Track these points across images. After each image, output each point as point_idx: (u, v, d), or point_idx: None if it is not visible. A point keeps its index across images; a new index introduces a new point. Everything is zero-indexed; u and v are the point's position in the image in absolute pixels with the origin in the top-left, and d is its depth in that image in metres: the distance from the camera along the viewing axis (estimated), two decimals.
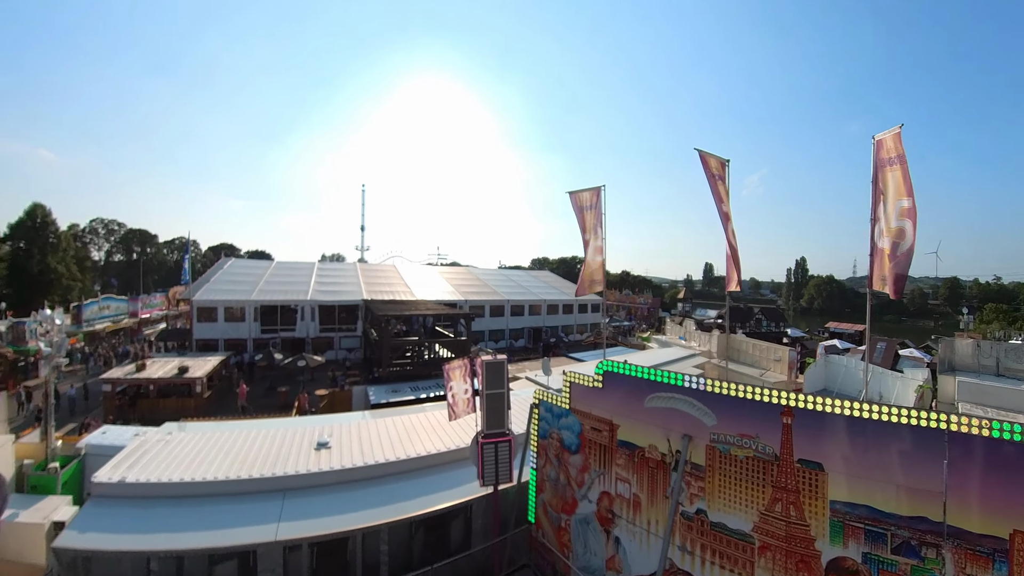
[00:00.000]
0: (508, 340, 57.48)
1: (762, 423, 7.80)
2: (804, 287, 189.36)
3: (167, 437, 17.18)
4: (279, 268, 65.23)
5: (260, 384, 40.40)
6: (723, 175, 16.82)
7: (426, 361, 32.13)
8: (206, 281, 56.77)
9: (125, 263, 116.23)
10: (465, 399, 12.64)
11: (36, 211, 78.53)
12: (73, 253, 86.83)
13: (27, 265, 75.21)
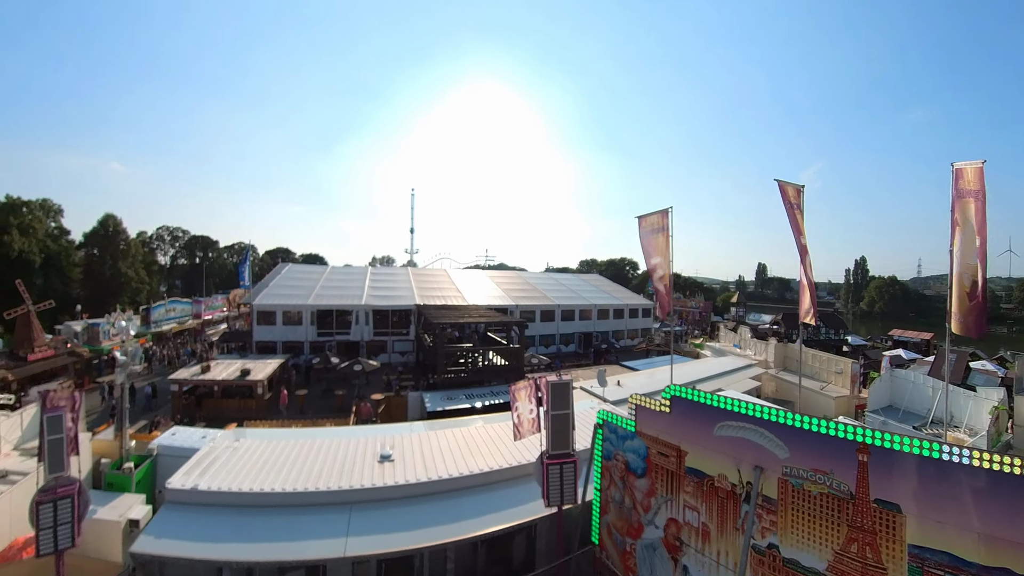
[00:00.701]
0: (558, 345, 57.02)
1: (837, 458, 7.63)
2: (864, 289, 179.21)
3: (234, 444, 17.93)
4: (333, 273, 67.08)
5: (317, 386, 41.59)
6: (800, 203, 16.47)
7: (480, 368, 32.47)
8: (265, 286, 58.74)
9: (188, 267, 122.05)
10: (530, 419, 12.77)
11: (108, 221, 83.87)
12: (141, 258, 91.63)
13: (100, 270, 79.95)
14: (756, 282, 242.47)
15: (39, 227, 72.83)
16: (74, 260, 78.35)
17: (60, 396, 14.77)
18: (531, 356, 36.47)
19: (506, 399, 27.38)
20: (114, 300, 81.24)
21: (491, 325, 36.48)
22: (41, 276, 70.85)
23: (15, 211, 70.42)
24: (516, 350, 32.51)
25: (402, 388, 36.70)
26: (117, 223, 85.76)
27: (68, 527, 11.71)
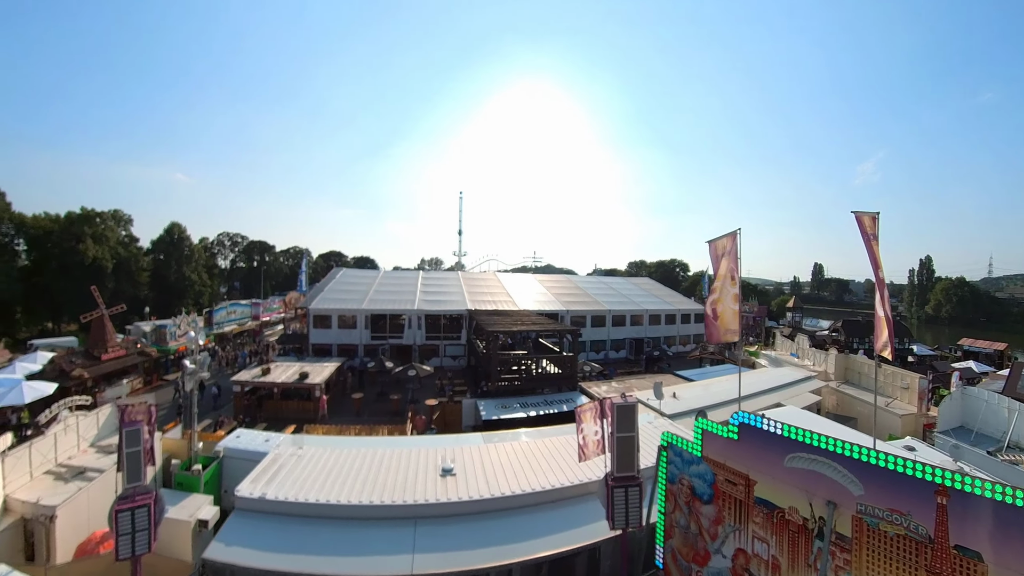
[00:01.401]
0: (608, 351, 56.58)
1: (914, 499, 7.35)
2: (930, 291, 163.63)
3: (298, 452, 18.48)
4: (386, 277, 68.54)
5: (371, 389, 42.65)
6: (876, 232, 15.98)
7: (533, 376, 32.66)
8: (320, 291, 60.48)
9: (247, 270, 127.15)
10: (595, 440, 12.80)
11: (174, 229, 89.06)
12: (203, 263, 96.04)
13: (166, 274, 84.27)
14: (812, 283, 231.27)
15: (111, 235, 77.74)
16: (142, 265, 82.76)
17: (138, 410, 15.62)
18: (583, 363, 36.50)
19: (560, 408, 27.73)
20: (179, 302, 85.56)
21: (544, 333, 36.61)
22: (113, 280, 75.06)
23: (89, 221, 75.25)
24: (569, 358, 32.56)
25: (455, 394, 37.24)
26: (181, 230, 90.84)
27: (145, 534, 12.31)
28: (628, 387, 29.71)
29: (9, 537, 17.64)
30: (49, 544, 17.52)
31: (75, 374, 38.79)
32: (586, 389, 30.16)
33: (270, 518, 14.44)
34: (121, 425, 14.53)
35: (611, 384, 31.05)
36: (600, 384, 31.21)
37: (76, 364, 40.79)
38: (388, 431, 27.51)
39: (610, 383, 31.51)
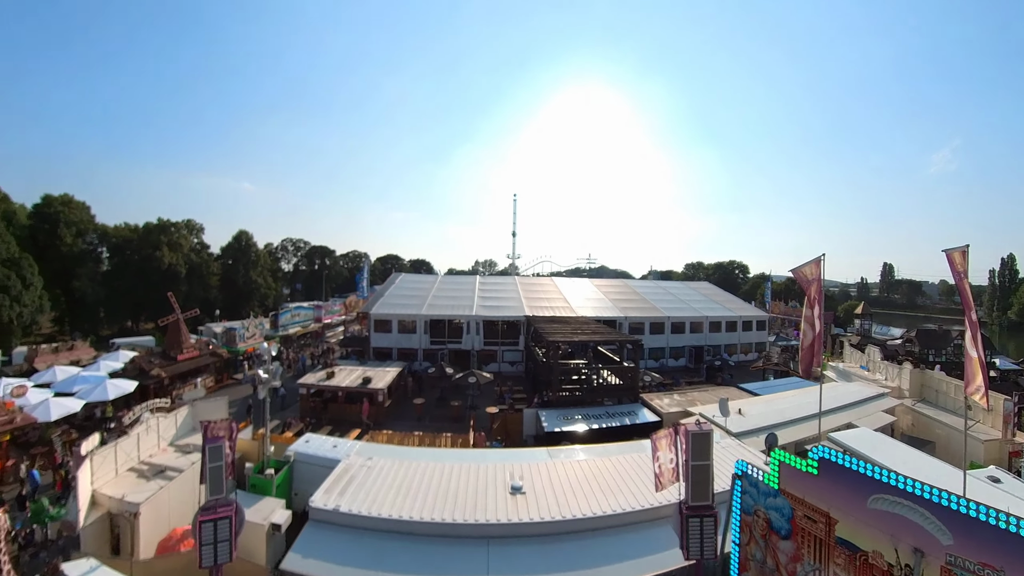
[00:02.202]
0: (667, 359, 55.51)
1: (1009, 555, 7.04)
2: (1013, 294, 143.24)
3: (368, 463, 19.05)
4: (444, 282, 69.59)
5: (430, 393, 43.50)
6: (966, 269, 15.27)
7: (594, 387, 32.56)
8: (381, 295, 61.97)
9: (308, 273, 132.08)
10: (671, 468, 12.75)
11: (241, 236, 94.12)
12: (268, 267, 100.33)
13: (235, 278, 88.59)
14: (881, 285, 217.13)
15: (185, 243, 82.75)
16: (213, 270, 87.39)
17: (220, 427, 16.53)
18: (643, 373, 36.23)
19: (622, 422, 27.66)
20: (246, 304, 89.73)
21: (604, 343, 36.43)
22: (186, 284, 79.58)
23: (165, 231, 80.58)
24: (631, 370, 32.32)
25: (515, 402, 37.59)
26: (248, 237, 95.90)
27: (227, 544, 13.02)
28: (691, 400, 29.32)
29: (97, 530, 19.02)
30: (133, 539, 18.76)
31: (153, 373, 41.38)
32: (648, 402, 29.90)
33: (344, 531, 14.98)
34: (204, 441, 15.39)
35: (673, 397, 30.66)
36: (662, 396, 30.86)
37: (154, 364, 43.43)
38: (451, 440, 28.07)
39: (672, 395, 31.11)
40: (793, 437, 21.98)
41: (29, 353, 49.58)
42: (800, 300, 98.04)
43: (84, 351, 53.41)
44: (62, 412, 31.73)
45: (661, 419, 27.50)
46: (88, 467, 19.04)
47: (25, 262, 60.52)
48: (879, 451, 18.22)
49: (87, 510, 18.51)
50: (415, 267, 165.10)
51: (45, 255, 69.09)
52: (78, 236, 76.59)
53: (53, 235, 72.96)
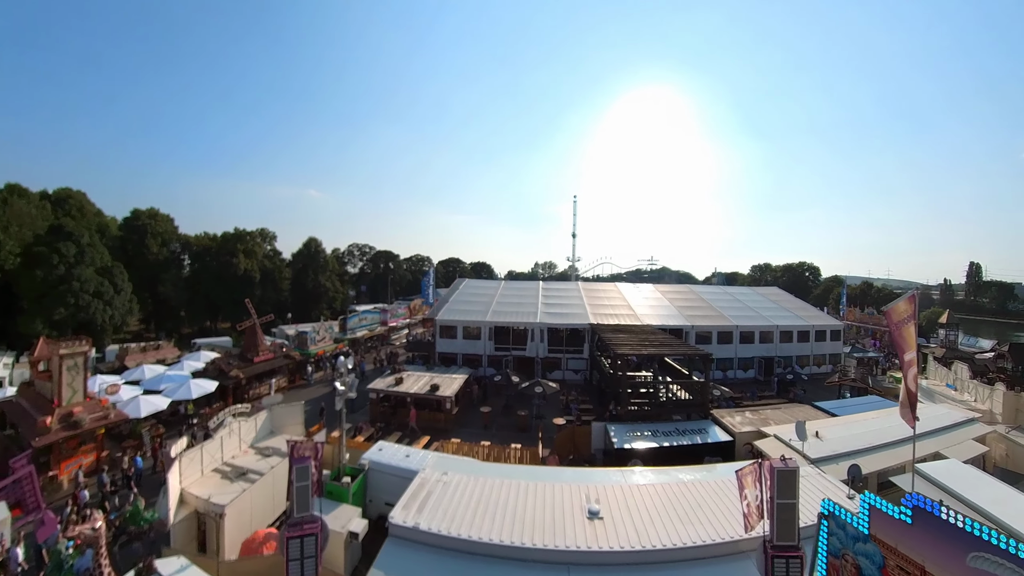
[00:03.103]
0: (736, 370, 53.58)
1: None
2: None
3: (443, 478, 19.50)
4: (507, 288, 70.14)
5: (496, 400, 44.08)
6: None
7: (663, 402, 32.14)
8: (446, 301, 63.14)
9: (373, 276, 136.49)
10: (757, 506, 12.54)
11: (311, 242, 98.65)
12: (336, 271, 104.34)
13: (305, 282, 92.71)
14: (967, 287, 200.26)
15: (258, 250, 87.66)
16: (284, 275, 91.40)
17: (306, 447, 17.35)
18: (712, 386, 35.57)
19: (692, 440, 27.31)
20: (315, 306, 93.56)
21: (675, 356, 35.84)
22: (260, 288, 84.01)
23: (241, 239, 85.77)
24: (700, 384, 31.79)
25: (582, 413, 37.61)
26: (318, 243, 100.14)
27: (312, 560, 13.61)
28: (764, 419, 28.58)
29: (185, 527, 20.53)
30: (219, 538, 20.10)
31: (232, 374, 44.22)
32: (718, 419, 29.28)
33: (423, 549, 15.40)
34: (291, 461, 16.23)
35: (745, 414, 29.84)
36: (733, 414, 30.09)
37: (233, 365, 46.25)
38: (520, 453, 28.47)
39: (743, 413, 30.23)
40: (876, 466, 21.14)
41: (120, 352, 53.81)
42: (877, 306, 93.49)
43: (169, 350, 57.39)
44: (151, 409, 35.15)
45: (733, 439, 26.97)
46: (177, 468, 20.61)
47: (117, 270, 65.75)
48: (972, 487, 17.20)
49: (176, 508, 20.13)
50: (475, 270, 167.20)
51: (134, 262, 74.84)
52: (163, 245, 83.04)
53: (141, 245, 79.26)
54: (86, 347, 32.14)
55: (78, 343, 31.84)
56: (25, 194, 70.69)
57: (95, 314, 60.69)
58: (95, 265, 62.76)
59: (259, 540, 19.25)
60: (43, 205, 71.59)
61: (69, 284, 58.62)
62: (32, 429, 28.67)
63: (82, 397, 31.22)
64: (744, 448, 26.41)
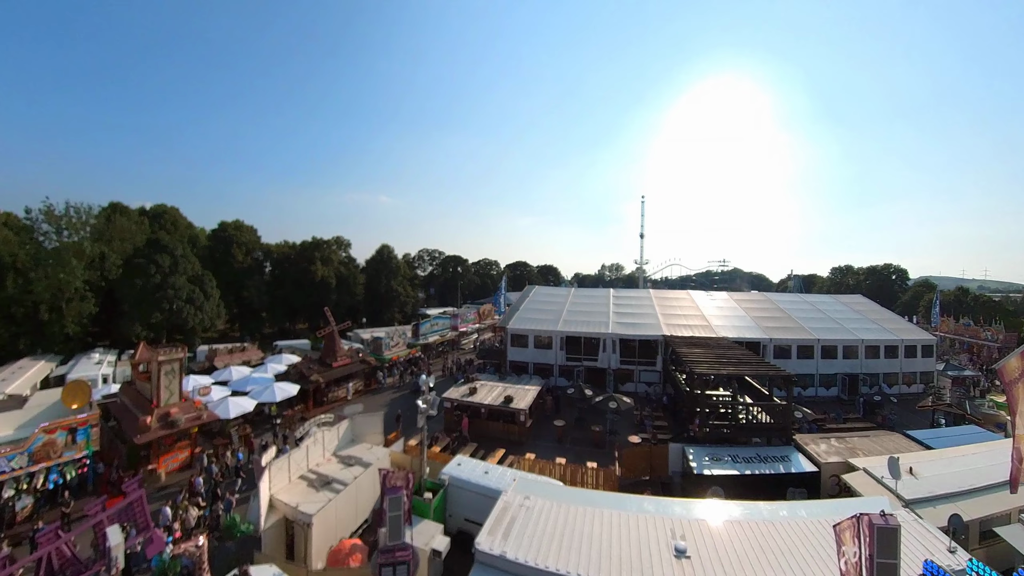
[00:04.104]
0: (817, 387, 50.65)
1: None
2: None
3: (526, 503, 19.71)
4: (578, 296, 70.04)
5: (568, 411, 44.20)
6: None
7: (742, 425, 31.24)
8: (516, 309, 63.74)
9: (443, 280, 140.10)
10: (855, 563, 12.13)
11: (384, 249, 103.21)
12: (407, 275, 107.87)
13: (377, 287, 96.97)
14: None
15: (334, 257, 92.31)
16: (358, 280, 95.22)
17: (398, 477, 18.07)
18: (793, 407, 34.29)
19: (775, 469, 26.65)
20: (387, 310, 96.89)
21: (755, 376, 34.73)
22: (335, 293, 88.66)
23: (319, 247, 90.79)
24: (782, 407, 30.75)
25: (657, 431, 37.31)
26: (390, 250, 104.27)
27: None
28: (852, 449, 27.38)
29: (274, 534, 21.92)
30: (306, 546, 21.24)
31: (313, 379, 46.60)
32: (802, 445, 28.28)
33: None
34: (383, 491, 17.00)
35: (830, 442, 28.57)
36: (818, 441, 28.89)
37: (313, 370, 48.81)
38: (597, 475, 28.58)
39: (829, 440, 28.88)
40: (978, 512, 19.60)
41: (210, 353, 58.31)
42: (974, 316, 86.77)
43: (253, 352, 61.31)
44: (239, 411, 38.21)
45: (819, 469, 26.00)
46: (268, 476, 22.04)
47: (206, 278, 71.54)
48: None
49: (266, 514, 21.46)
50: (542, 273, 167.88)
51: (220, 270, 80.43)
52: (247, 254, 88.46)
53: (227, 253, 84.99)
54: (181, 354, 35.41)
55: (174, 350, 35.03)
56: (126, 211, 77.98)
57: (187, 317, 66.31)
58: (187, 274, 68.26)
59: (345, 551, 20.18)
60: (141, 220, 78.28)
61: (164, 291, 64.29)
62: (134, 427, 31.69)
63: (178, 398, 34.51)
64: (830, 481, 25.43)
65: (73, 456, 28.69)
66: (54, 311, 56.21)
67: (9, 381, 43.36)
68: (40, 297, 54.94)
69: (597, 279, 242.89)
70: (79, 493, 28.35)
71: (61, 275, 55.30)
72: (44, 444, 27.52)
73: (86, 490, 29.02)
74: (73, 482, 28.45)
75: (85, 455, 29.32)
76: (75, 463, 28.81)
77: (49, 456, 27.59)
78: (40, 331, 56.26)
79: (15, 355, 54.05)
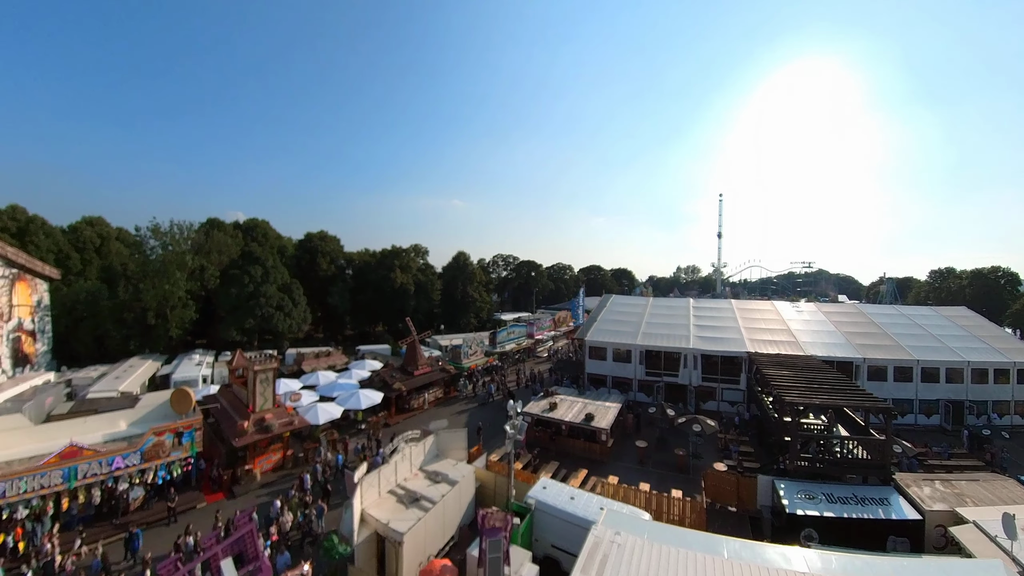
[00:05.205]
0: (916, 414, 46.25)
1: None
2: None
3: (617, 539, 19.74)
4: (656, 307, 68.93)
5: (648, 430, 43.73)
6: None
7: (837, 460, 29.44)
8: (594, 320, 63.59)
9: (516, 284, 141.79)
10: None
11: (460, 256, 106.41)
12: (482, 281, 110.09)
13: (454, 293, 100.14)
14: None
15: (413, 265, 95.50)
16: (436, 286, 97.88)
17: (497, 518, 18.60)
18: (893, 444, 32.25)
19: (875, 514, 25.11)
20: (463, 315, 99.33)
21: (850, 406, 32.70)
22: (414, 300, 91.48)
23: (398, 255, 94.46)
24: (881, 443, 28.84)
25: (743, 457, 36.31)
26: (466, 256, 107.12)
27: None
28: (959, 495, 25.38)
29: (366, 549, 22.95)
30: (398, 564, 22.11)
31: (396, 387, 48.43)
32: (903, 487, 26.58)
33: None
34: (482, 532, 17.54)
35: (934, 485, 26.43)
36: (920, 483, 27.01)
37: (396, 378, 50.74)
38: (682, 506, 28.19)
39: (933, 483, 26.69)
40: None
41: (298, 357, 62.17)
42: None
43: (338, 357, 64.64)
44: (327, 418, 40.70)
45: (922, 517, 24.33)
46: (360, 491, 23.22)
47: (294, 286, 76.46)
48: None
49: (359, 528, 22.57)
50: (616, 277, 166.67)
51: (306, 277, 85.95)
52: (331, 262, 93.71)
53: (312, 263, 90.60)
54: (275, 364, 38.22)
55: (268, 361, 37.96)
56: (222, 226, 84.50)
57: (277, 323, 71.46)
58: (277, 283, 73.46)
59: (436, 572, 20.86)
60: (236, 233, 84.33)
61: (257, 299, 69.66)
62: (232, 430, 34.83)
63: (271, 404, 37.49)
64: (935, 531, 23.79)
65: (179, 456, 31.70)
66: (160, 317, 61.97)
67: (122, 379, 47.94)
68: (148, 305, 60.62)
69: (672, 282, 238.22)
70: (183, 488, 32.01)
71: (167, 286, 60.74)
72: (154, 445, 30.56)
73: (190, 484, 32.73)
74: (179, 478, 31.72)
75: (189, 455, 32.31)
76: (181, 461, 31.81)
77: (158, 455, 30.67)
78: (148, 334, 62.15)
79: (126, 354, 60.12)
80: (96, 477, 28.18)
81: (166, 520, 29.19)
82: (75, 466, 27.46)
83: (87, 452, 28.02)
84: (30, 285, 51.83)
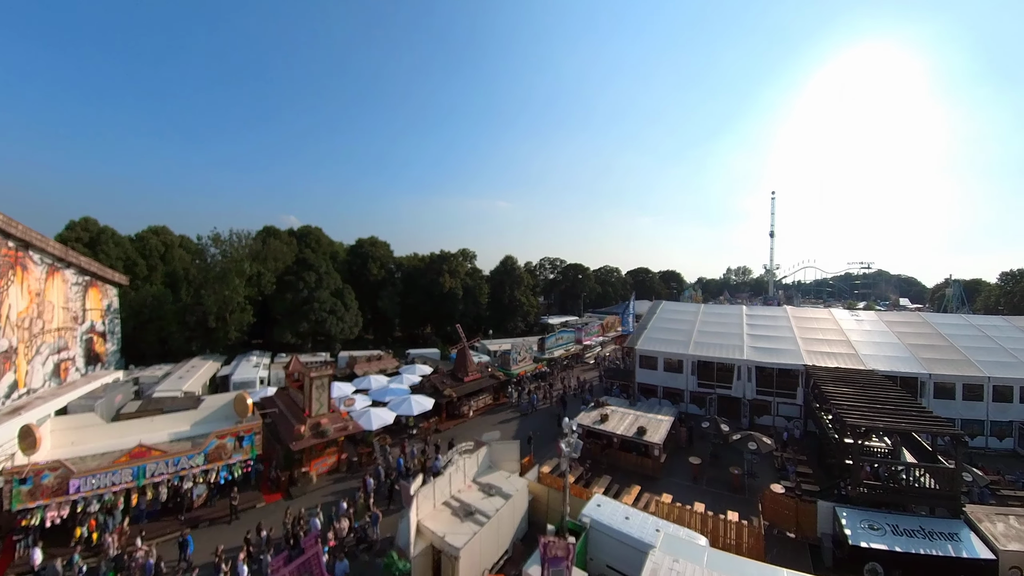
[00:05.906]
0: (987, 437, 42.80)
1: None
2: None
3: (675, 566, 19.65)
4: (708, 315, 67.39)
5: (701, 445, 42.93)
6: None
7: (902, 488, 27.86)
8: (644, 328, 62.72)
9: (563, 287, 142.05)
10: None
11: (507, 260, 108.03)
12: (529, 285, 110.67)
13: (501, 297, 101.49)
14: None
15: (461, 269, 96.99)
16: (483, 290, 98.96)
17: (559, 546, 18.56)
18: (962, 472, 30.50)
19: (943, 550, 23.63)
20: (510, 319, 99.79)
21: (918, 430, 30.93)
22: (462, 304, 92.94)
23: (446, 260, 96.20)
24: (950, 472, 27.18)
25: (800, 479, 35.17)
26: (513, 261, 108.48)
27: None
28: None
29: (423, 561, 23.35)
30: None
31: (446, 393, 48.90)
32: (975, 522, 25.06)
33: None
34: (543, 561, 17.54)
35: (1009, 521, 24.61)
36: (993, 517, 25.45)
37: (446, 384, 51.21)
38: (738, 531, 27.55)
39: (1007, 519, 25.15)
40: None
41: (350, 360, 63.64)
42: None
43: (388, 360, 65.76)
44: (380, 423, 41.66)
45: (996, 557, 22.81)
46: (416, 504, 23.65)
47: (347, 291, 78.98)
48: None
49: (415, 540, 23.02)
50: (664, 280, 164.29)
51: (357, 282, 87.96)
52: (381, 267, 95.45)
53: (363, 268, 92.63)
54: (330, 370, 39.27)
55: (324, 368, 39.03)
56: (277, 233, 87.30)
57: (330, 327, 73.77)
58: (330, 288, 76.15)
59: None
60: (290, 240, 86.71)
61: (311, 304, 72.25)
62: (289, 433, 36.08)
63: (327, 409, 38.55)
64: (1010, 574, 22.60)
65: (240, 458, 33.19)
66: (220, 320, 64.50)
67: (185, 379, 50.38)
68: (209, 309, 63.39)
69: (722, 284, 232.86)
70: (243, 487, 33.57)
71: (226, 292, 63.37)
72: (216, 447, 32.16)
73: (249, 484, 34.30)
74: (239, 478, 33.26)
75: (249, 458, 33.76)
76: (241, 463, 33.32)
77: (220, 457, 32.27)
78: (208, 336, 65.25)
79: (188, 354, 63.34)
80: (163, 476, 29.83)
81: (227, 518, 30.80)
82: (143, 465, 29.15)
83: (155, 452, 29.74)
84: (101, 290, 55.05)
